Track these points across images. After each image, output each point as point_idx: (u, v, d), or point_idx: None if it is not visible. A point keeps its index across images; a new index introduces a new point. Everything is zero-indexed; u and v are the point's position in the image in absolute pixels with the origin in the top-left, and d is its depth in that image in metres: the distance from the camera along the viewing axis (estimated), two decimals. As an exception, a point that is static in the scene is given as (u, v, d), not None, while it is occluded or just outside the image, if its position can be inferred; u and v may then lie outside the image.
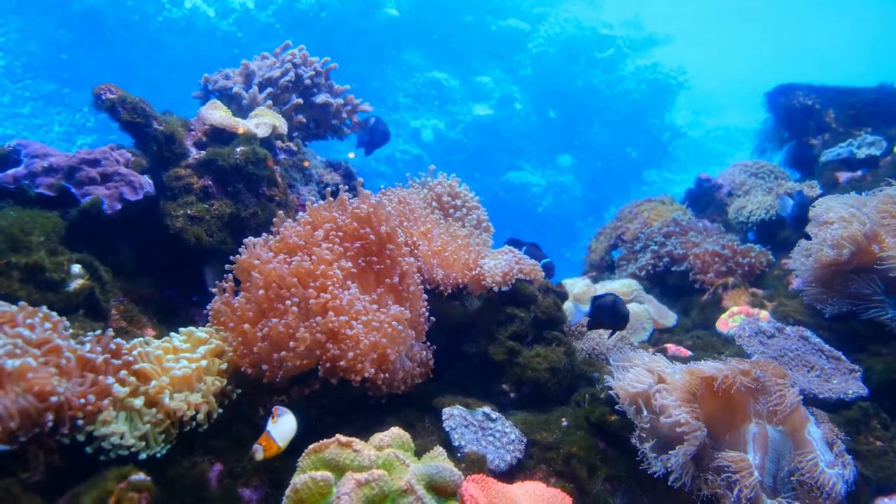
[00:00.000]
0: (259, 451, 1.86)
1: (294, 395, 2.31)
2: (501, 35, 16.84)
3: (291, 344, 2.16)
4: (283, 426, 1.92)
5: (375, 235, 2.53)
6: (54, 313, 1.95)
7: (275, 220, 2.62)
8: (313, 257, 2.34)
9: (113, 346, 1.99)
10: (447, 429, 2.28)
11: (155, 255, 2.84)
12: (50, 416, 1.68)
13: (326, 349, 2.17)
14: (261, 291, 2.28)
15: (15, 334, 1.74)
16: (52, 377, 1.71)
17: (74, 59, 13.84)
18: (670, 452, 2.07)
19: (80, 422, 1.78)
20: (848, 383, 2.74)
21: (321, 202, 2.66)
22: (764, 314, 3.36)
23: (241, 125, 3.08)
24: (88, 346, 1.92)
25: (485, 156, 16.03)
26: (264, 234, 2.54)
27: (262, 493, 2.02)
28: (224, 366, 2.20)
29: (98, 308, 2.36)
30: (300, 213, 2.68)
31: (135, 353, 2.04)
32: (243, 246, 2.48)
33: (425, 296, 2.65)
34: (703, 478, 2.08)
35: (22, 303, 1.91)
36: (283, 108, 3.58)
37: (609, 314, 2.77)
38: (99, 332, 2.02)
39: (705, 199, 5.14)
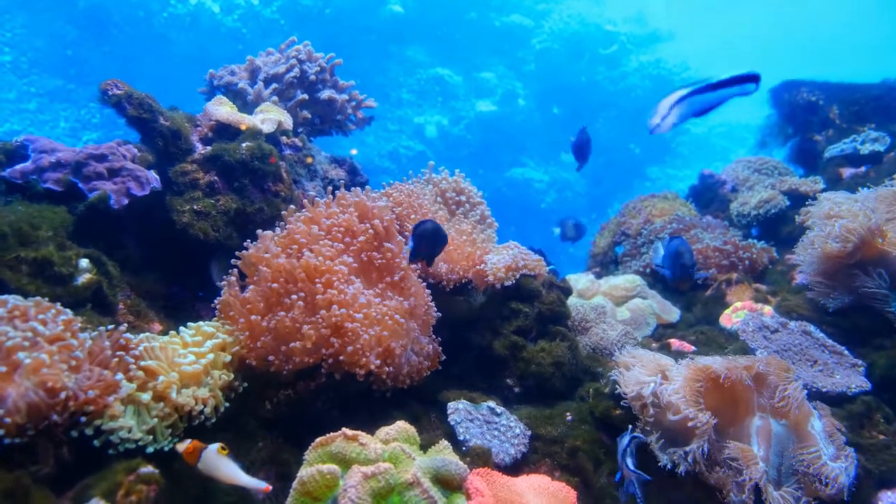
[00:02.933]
0: (184, 445, 1.83)
1: (300, 389, 2.32)
2: (505, 31, 16.83)
3: (298, 341, 2.18)
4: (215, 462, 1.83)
5: (374, 230, 2.54)
6: (68, 310, 1.97)
7: (284, 213, 2.63)
8: (309, 253, 2.35)
9: (122, 342, 2.00)
10: (452, 423, 2.29)
11: (161, 249, 2.86)
12: (59, 411, 1.70)
13: (330, 344, 2.18)
14: (271, 285, 2.29)
15: (28, 328, 1.76)
16: (64, 373, 1.72)
17: (80, 55, 13.87)
18: (681, 446, 2.08)
19: (89, 416, 1.79)
20: (851, 378, 2.75)
21: (318, 199, 2.68)
22: (767, 309, 3.37)
23: (247, 121, 3.09)
24: (98, 341, 1.93)
25: (488, 152, 16.02)
26: (278, 228, 2.56)
27: (268, 485, 2.04)
28: (228, 358, 2.22)
29: (105, 302, 2.38)
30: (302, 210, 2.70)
31: (141, 347, 2.06)
32: (250, 240, 2.49)
33: (428, 291, 2.66)
34: (709, 470, 2.09)
35: (37, 298, 1.93)
36: (288, 104, 3.59)
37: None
38: (112, 326, 2.04)
39: (708, 195, 5.14)
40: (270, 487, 1.84)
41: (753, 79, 1.62)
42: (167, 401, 1.95)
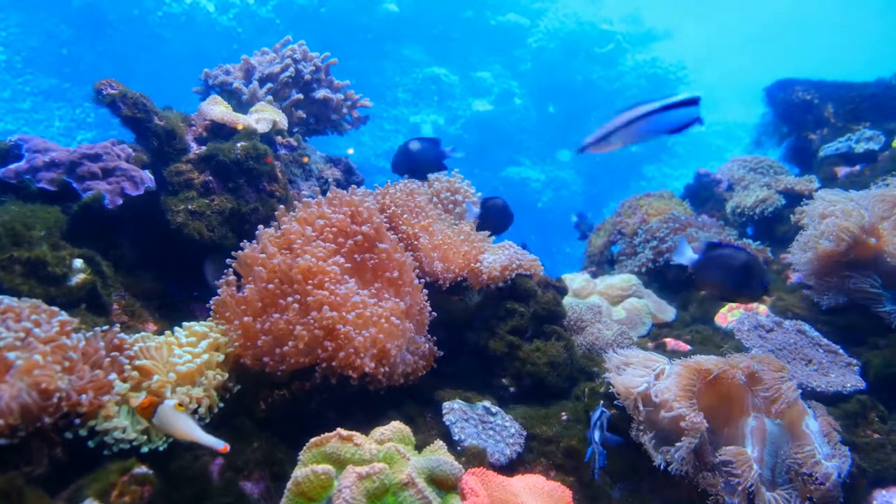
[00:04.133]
0: (138, 400, 1.81)
1: (295, 389, 2.32)
2: (501, 30, 16.82)
3: (290, 343, 2.18)
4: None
5: (362, 234, 2.54)
6: (63, 313, 1.96)
7: (276, 213, 2.62)
8: (308, 256, 2.35)
9: (117, 342, 2.00)
10: (447, 423, 2.29)
11: (156, 249, 2.85)
12: (53, 412, 1.70)
13: (325, 347, 2.18)
14: (268, 286, 2.29)
15: (21, 329, 1.75)
16: (57, 374, 1.72)
17: (75, 54, 13.83)
18: (675, 445, 2.09)
19: (83, 417, 1.79)
20: (846, 377, 2.75)
21: (309, 199, 2.67)
22: (762, 308, 3.38)
23: (242, 120, 3.09)
24: (92, 341, 1.93)
25: (484, 151, 16.01)
26: (271, 228, 2.55)
27: (263, 486, 2.04)
28: (221, 357, 2.21)
29: (100, 302, 2.37)
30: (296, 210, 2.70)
31: (136, 347, 2.06)
32: (246, 240, 2.48)
33: (425, 290, 2.66)
34: (703, 471, 2.10)
35: (34, 300, 1.92)
36: (283, 104, 3.59)
37: (723, 270, 2.51)
38: (106, 327, 2.03)
39: (704, 194, 5.15)
40: (228, 447, 1.81)
41: (692, 102, 1.57)
42: (162, 400, 1.94)
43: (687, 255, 2.59)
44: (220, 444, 1.75)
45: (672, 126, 1.57)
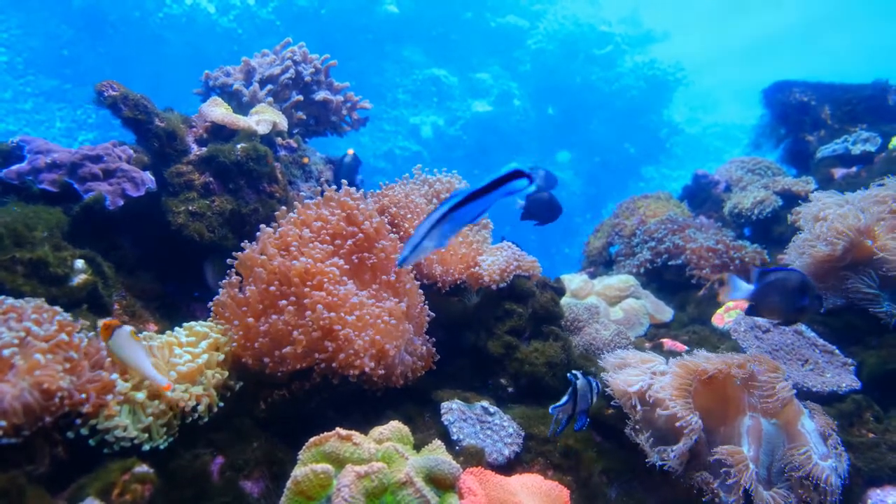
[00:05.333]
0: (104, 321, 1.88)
1: (294, 389, 2.34)
2: (500, 32, 16.85)
3: (288, 348, 2.19)
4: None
5: (363, 233, 2.56)
6: (67, 314, 1.98)
7: (276, 214, 2.64)
8: (304, 258, 2.36)
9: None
10: (446, 422, 2.30)
11: (156, 250, 2.87)
12: (55, 411, 1.71)
13: (325, 348, 2.19)
14: (268, 287, 2.30)
15: (22, 328, 1.77)
16: (59, 373, 1.73)
17: (76, 56, 13.84)
18: (671, 444, 2.10)
19: (85, 416, 1.81)
20: (841, 377, 2.77)
21: (308, 201, 2.69)
22: (759, 309, 3.39)
23: (242, 122, 3.10)
24: (94, 341, 1.94)
25: (484, 152, 16.03)
26: (273, 226, 2.57)
27: (263, 485, 2.05)
28: (221, 357, 2.23)
29: (101, 303, 2.38)
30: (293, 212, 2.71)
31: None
32: (247, 241, 2.50)
33: (421, 291, 2.68)
34: (700, 470, 2.11)
35: (37, 300, 1.94)
36: (283, 105, 3.61)
37: (781, 294, 2.49)
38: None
39: (702, 195, 5.17)
40: (171, 385, 1.89)
41: (519, 175, 1.52)
42: (162, 398, 1.96)
43: (743, 289, 2.61)
44: (163, 382, 1.86)
45: (507, 193, 1.53)
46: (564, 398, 2.13)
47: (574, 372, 2.18)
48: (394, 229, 2.88)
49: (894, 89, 4.39)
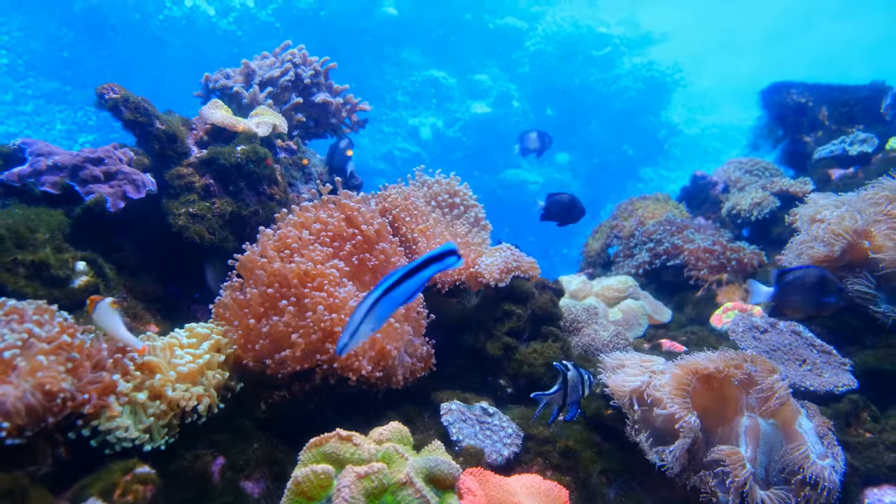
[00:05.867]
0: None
1: (295, 390, 2.35)
2: (499, 33, 16.86)
3: (288, 351, 2.20)
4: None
5: (363, 235, 2.57)
6: (69, 315, 1.99)
7: (277, 216, 2.65)
8: (303, 259, 2.37)
9: (121, 344, 2.02)
10: (445, 423, 2.32)
11: (157, 252, 2.88)
12: (57, 412, 1.72)
13: (325, 349, 2.20)
14: (266, 289, 2.31)
15: (24, 330, 1.78)
16: (61, 374, 1.74)
17: (76, 58, 13.86)
18: (669, 444, 2.11)
19: (86, 417, 1.82)
20: (838, 376, 2.78)
21: (306, 203, 2.70)
22: (757, 310, 3.41)
23: (242, 124, 3.12)
24: (96, 343, 1.96)
25: (483, 154, 16.05)
26: (273, 227, 2.58)
27: (263, 485, 2.06)
28: (222, 358, 2.24)
29: (102, 305, 2.39)
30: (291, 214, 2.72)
31: (146, 346, 2.09)
32: (248, 243, 2.51)
33: (420, 294, 2.69)
34: (698, 470, 2.12)
35: (38, 302, 1.95)
36: (283, 108, 3.62)
37: (802, 292, 2.56)
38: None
39: (700, 196, 5.18)
40: (146, 348, 2.02)
41: (451, 253, 1.56)
42: (163, 398, 1.97)
43: (763, 292, 2.70)
44: (138, 345, 1.98)
45: (437, 270, 1.56)
46: (554, 387, 2.15)
47: (564, 363, 2.20)
48: (394, 232, 2.89)
49: (892, 92, 4.40)
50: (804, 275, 2.59)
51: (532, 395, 2.20)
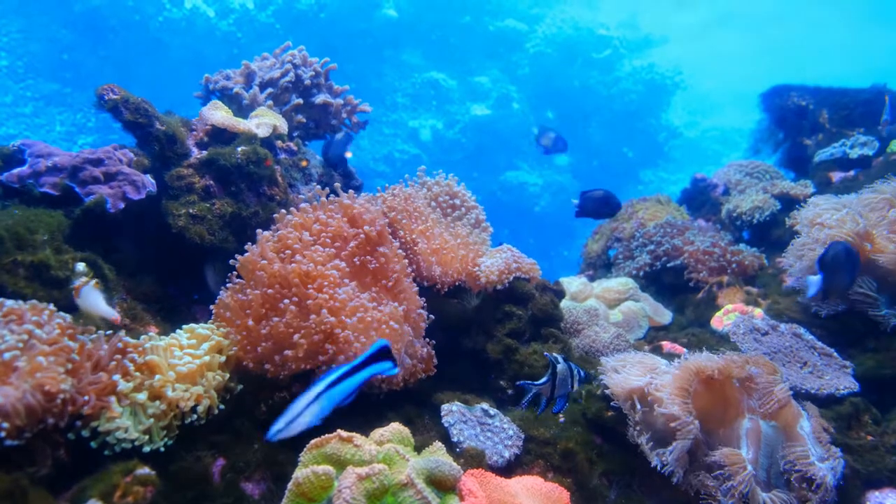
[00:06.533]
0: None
1: (295, 391, 2.34)
2: (499, 35, 16.86)
3: (289, 352, 2.20)
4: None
5: (364, 235, 2.56)
6: (68, 316, 1.99)
7: (276, 216, 2.65)
8: (304, 260, 2.37)
9: (121, 345, 2.02)
10: (446, 424, 2.31)
11: (157, 253, 2.87)
12: (57, 413, 1.72)
13: (325, 350, 2.20)
14: (268, 291, 2.31)
15: (24, 331, 1.78)
16: (61, 375, 1.74)
17: (76, 60, 13.84)
18: (667, 448, 2.11)
19: (86, 418, 1.81)
20: (839, 379, 2.78)
21: (305, 205, 2.70)
22: (758, 312, 3.40)
23: (242, 125, 3.11)
24: (96, 344, 1.95)
25: (483, 155, 16.04)
26: (272, 229, 2.58)
27: (264, 487, 2.06)
28: (223, 359, 2.24)
29: (102, 306, 2.39)
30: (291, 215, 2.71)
31: (147, 345, 2.08)
32: (250, 243, 2.50)
33: (422, 297, 2.68)
34: (699, 472, 2.12)
35: (34, 301, 1.94)
36: (283, 109, 3.61)
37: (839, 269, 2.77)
38: (110, 332, 2.06)
39: (701, 199, 5.18)
40: (119, 318, 2.22)
41: (385, 356, 1.61)
42: (163, 398, 1.97)
43: (815, 282, 2.88)
44: (113, 315, 2.16)
45: (374, 372, 1.60)
46: (543, 378, 2.15)
47: (554, 354, 2.20)
48: (394, 234, 2.89)
49: (888, 107, 4.39)
50: (836, 254, 2.79)
51: (518, 383, 2.20)
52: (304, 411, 1.49)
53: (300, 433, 1.51)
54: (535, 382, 2.16)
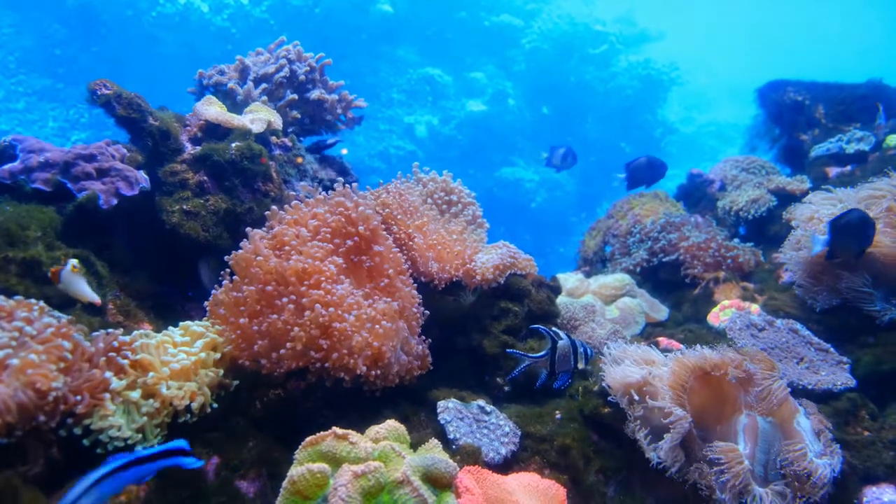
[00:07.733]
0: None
1: (290, 388, 2.33)
2: (495, 31, 16.84)
3: (288, 344, 2.18)
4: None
5: (358, 235, 2.55)
6: (64, 315, 1.97)
7: (268, 213, 2.63)
8: (300, 257, 2.35)
9: (116, 343, 2.00)
10: (442, 422, 2.30)
11: (151, 249, 2.86)
12: (49, 411, 1.70)
13: (320, 346, 2.18)
14: (267, 287, 2.29)
15: (14, 328, 1.76)
16: (53, 373, 1.72)
17: (68, 55, 13.78)
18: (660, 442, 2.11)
19: (78, 416, 1.79)
20: (836, 375, 2.78)
21: (297, 202, 2.68)
22: (755, 307, 3.40)
23: (237, 121, 3.09)
24: (89, 341, 1.93)
25: (478, 152, 16.02)
26: (264, 230, 2.56)
27: (259, 485, 2.04)
28: (217, 356, 2.22)
29: (95, 303, 2.37)
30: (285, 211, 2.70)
31: (137, 344, 2.06)
32: (245, 240, 2.48)
33: (417, 294, 2.67)
34: (695, 467, 2.11)
35: (29, 300, 1.92)
36: (277, 104, 3.59)
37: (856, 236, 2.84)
38: (109, 331, 2.04)
39: (697, 195, 5.17)
40: (100, 301, 2.27)
41: (184, 453, 1.61)
42: (157, 396, 1.95)
43: (820, 241, 2.98)
44: (95, 298, 2.22)
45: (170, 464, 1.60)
46: (542, 352, 2.14)
47: (556, 330, 2.18)
48: (388, 229, 2.87)
49: (881, 111, 4.38)
50: (848, 219, 2.87)
51: (508, 351, 2.18)
52: (85, 493, 1.45)
53: None
54: (531, 354, 2.15)
